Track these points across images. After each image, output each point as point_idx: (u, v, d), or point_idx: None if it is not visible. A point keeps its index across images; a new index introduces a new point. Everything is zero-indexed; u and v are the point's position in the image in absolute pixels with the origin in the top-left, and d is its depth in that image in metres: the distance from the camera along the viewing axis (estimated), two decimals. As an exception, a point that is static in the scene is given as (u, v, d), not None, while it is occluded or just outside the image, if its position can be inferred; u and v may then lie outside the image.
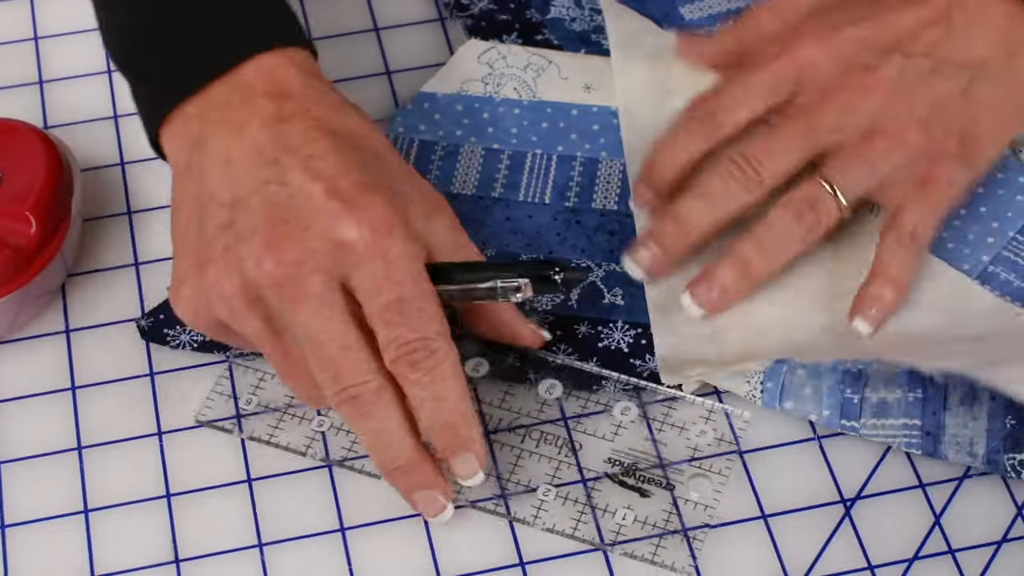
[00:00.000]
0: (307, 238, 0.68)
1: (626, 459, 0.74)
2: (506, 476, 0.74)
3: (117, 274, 0.82)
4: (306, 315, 0.68)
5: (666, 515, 0.72)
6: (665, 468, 0.74)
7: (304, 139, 0.70)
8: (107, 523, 0.73)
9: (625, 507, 0.73)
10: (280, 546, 0.72)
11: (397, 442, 0.69)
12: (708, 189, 0.76)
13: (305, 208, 0.68)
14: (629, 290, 0.79)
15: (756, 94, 0.76)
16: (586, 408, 0.76)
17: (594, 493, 0.73)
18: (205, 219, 0.71)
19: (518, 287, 0.71)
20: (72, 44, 0.91)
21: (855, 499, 0.73)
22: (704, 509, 0.72)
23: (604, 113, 0.86)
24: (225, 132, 0.71)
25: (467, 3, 0.91)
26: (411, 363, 0.68)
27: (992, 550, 0.72)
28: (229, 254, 0.69)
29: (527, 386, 0.76)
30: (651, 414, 0.76)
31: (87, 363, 0.79)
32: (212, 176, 0.71)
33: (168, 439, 0.76)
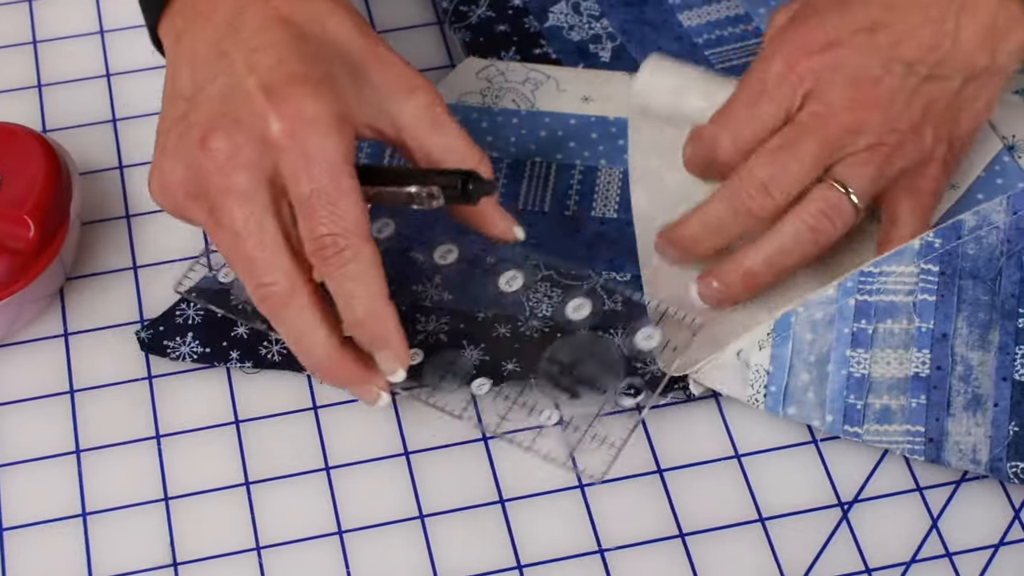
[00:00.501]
0: (236, 132, 0.69)
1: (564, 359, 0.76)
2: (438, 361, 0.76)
3: (115, 278, 0.82)
4: (229, 210, 0.69)
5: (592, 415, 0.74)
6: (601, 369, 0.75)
7: (255, 29, 0.71)
8: (105, 526, 0.73)
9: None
10: (278, 549, 0.73)
11: (313, 344, 0.70)
12: (720, 222, 0.76)
13: (239, 102, 0.69)
14: (629, 296, 0.79)
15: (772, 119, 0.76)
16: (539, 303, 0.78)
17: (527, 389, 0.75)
18: (168, 111, 0.73)
19: (432, 194, 0.71)
20: (71, 47, 0.92)
21: (853, 502, 0.73)
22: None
23: (602, 123, 0.86)
24: (196, 25, 0.73)
25: (465, 11, 0.91)
26: (321, 258, 0.69)
27: (990, 553, 0.72)
28: (180, 143, 0.71)
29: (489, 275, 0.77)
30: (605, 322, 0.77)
31: (85, 366, 0.79)
32: (181, 72, 0.73)
33: (166, 442, 0.76)
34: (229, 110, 0.70)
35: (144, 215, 0.84)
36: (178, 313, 0.79)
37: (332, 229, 0.68)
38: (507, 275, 0.77)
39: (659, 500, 0.73)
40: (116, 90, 0.89)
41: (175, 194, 0.71)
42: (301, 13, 0.72)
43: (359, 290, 0.69)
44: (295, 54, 0.70)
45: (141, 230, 0.83)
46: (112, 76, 0.90)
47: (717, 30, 0.91)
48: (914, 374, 0.72)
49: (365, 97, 0.72)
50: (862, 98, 0.75)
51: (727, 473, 0.74)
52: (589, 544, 0.72)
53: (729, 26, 0.91)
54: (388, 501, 0.74)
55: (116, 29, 0.92)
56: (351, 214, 0.68)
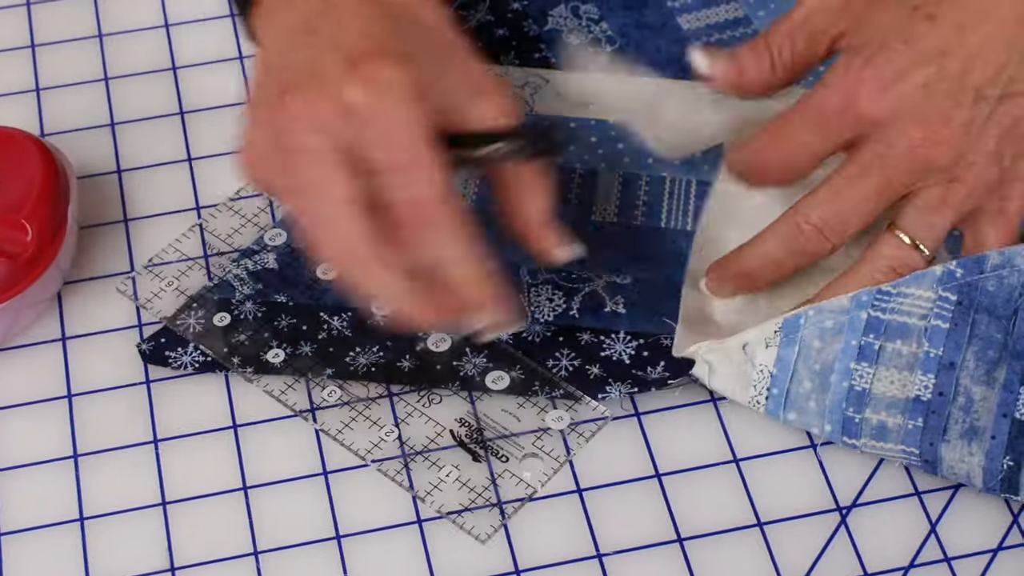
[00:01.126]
0: (313, 92, 0.69)
1: (476, 423, 0.76)
2: (360, 410, 0.76)
3: (113, 282, 0.82)
4: (299, 167, 0.69)
5: (487, 484, 0.74)
6: (508, 440, 0.75)
7: (346, 8, 0.71)
8: (103, 531, 0.73)
9: (454, 465, 0.74)
10: (276, 554, 0.72)
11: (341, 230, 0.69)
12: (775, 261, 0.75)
13: (323, 72, 0.69)
14: (631, 300, 0.79)
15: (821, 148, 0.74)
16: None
17: (431, 445, 0.75)
18: (259, 91, 0.72)
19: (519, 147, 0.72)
20: (69, 51, 0.91)
21: (851, 507, 0.73)
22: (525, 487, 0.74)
23: (602, 127, 0.86)
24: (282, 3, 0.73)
25: (465, 15, 0.91)
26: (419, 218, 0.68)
27: (988, 558, 0.72)
28: (260, 111, 0.71)
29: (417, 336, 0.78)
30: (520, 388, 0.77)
31: (83, 371, 0.79)
32: (270, 46, 0.73)
33: (164, 447, 0.76)
34: (310, 80, 0.69)
35: (142, 219, 0.84)
36: (179, 323, 0.79)
37: (420, 195, 0.68)
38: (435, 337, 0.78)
39: (657, 504, 0.73)
40: (114, 94, 0.89)
41: (260, 155, 0.71)
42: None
43: (455, 251, 0.69)
44: (382, 31, 0.70)
45: (139, 234, 0.83)
46: (110, 80, 0.90)
47: (717, 33, 0.91)
48: (915, 396, 0.72)
49: (443, 86, 0.71)
50: (931, 138, 0.71)
51: (725, 477, 0.74)
52: (587, 549, 0.72)
53: (728, 29, 0.91)
54: (386, 506, 0.74)
55: (115, 33, 0.92)
56: (431, 180, 0.68)
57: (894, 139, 0.71)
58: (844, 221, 0.73)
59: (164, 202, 0.85)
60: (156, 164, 0.86)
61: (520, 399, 0.77)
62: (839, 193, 0.73)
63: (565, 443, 0.75)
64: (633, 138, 0.85)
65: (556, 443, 0.75)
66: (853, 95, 0.72)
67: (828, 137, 0.73)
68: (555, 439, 0.75)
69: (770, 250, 0.75)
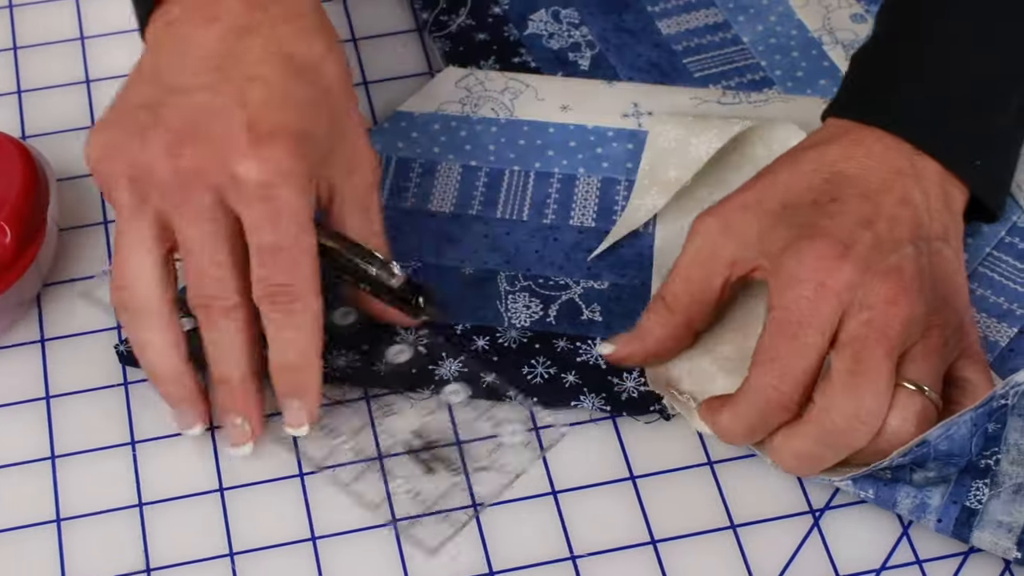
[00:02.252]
0: (210, 156, 0.71)
1: (431, 435, 0.76)
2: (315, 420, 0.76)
3: (93, 284, 0.82)
4: (187, 222, 0.71)
5: (441, 493, 0.74)
6: (463, 453, 0.75)
7: (256, 58, 0.72)
8: (79, 532, 0.74)
9: (404, 476, 0.74)
10: (251, 555, 0.73)
11: (231, 360, 0.73)
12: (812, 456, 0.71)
13: (222, 128, 0.71)
14: (607, 307, 0.80)
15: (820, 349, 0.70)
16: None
17: (387, 458, 0.75)
18: (142, 89, 0.73)
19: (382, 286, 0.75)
20: (50, 54, 0.92)
21: (824, 509, 0.73)
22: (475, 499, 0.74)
23: (581, 131, 0.86)
24: (194, 21, 0.74)
25: (445, 20, 0.92)
26: (272, 303, 0.71)
27: (959, 561, 0.72)
28: (142, 130, 0.72)
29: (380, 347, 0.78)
30: (476, 403, 0.77)
31: (62, 372, 0.79)
32: (166, 58, 0.74)
33: (141, 448, 0.76)
34: (209, 128, 0.71)
35: (122, 221, 0.84)
36: None
37: (290, 280, 0.71)
38: (395, 348, 0.78)
39: (631, 507, 0.74)
40: (95, 96, 0.89)
41: (114, 171, 0.72)
42: (302, 53, 0.73)
43: (300, 340, 0.72)
44: (287, 99, 0.72)
45: (119, 236, 0.84)
46: (92, 82, 0.90)
47: (696, 38, 0.91)
48: None
49: (329, 161, 0.74)
50: (898, 288, 0.70)
51: (699, 480, 0.74)
52: (561, 551, 0.72)
53: (708, 34, 0.91)
54: (362, 509, 0.74)
55: (96, 35, 0.92)
56: (309, 270, 0.71)
57: (869, 301, 0.70)
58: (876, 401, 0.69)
59: (144, 205, 0.85)
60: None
61: (477, 411, 0.77)
62: (853, 377, 0.69)
63: (522, 455, 0.75)
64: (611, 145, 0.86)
65: (511, 456, 0.75)
66: (822, 274, 0.70)
67: (821, 328, 0.70)
68: (511, 452, 0.75)
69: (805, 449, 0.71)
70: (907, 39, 0.78)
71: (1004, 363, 0.77)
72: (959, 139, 0.76)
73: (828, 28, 0.91)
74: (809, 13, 0.92)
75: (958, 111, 0.76)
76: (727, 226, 0.73)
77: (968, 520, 0.71)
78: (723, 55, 0.90)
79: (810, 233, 0.71)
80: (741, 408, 0.71)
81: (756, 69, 0.89)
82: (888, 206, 0.72)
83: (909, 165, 0.74)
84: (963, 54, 0.77)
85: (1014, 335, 0.78)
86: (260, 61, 0.73)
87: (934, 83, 0.76)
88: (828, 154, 0.74)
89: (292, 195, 0.71)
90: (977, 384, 0.73)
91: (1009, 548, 0.70)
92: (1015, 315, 0.79)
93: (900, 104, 0.76)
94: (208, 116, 0.71)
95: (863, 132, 0.75)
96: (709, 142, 0.82)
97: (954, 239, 0.74)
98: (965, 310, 0.74)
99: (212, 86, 0.72)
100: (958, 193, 0.75)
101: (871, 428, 0.70)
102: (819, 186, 0.73)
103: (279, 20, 0.74)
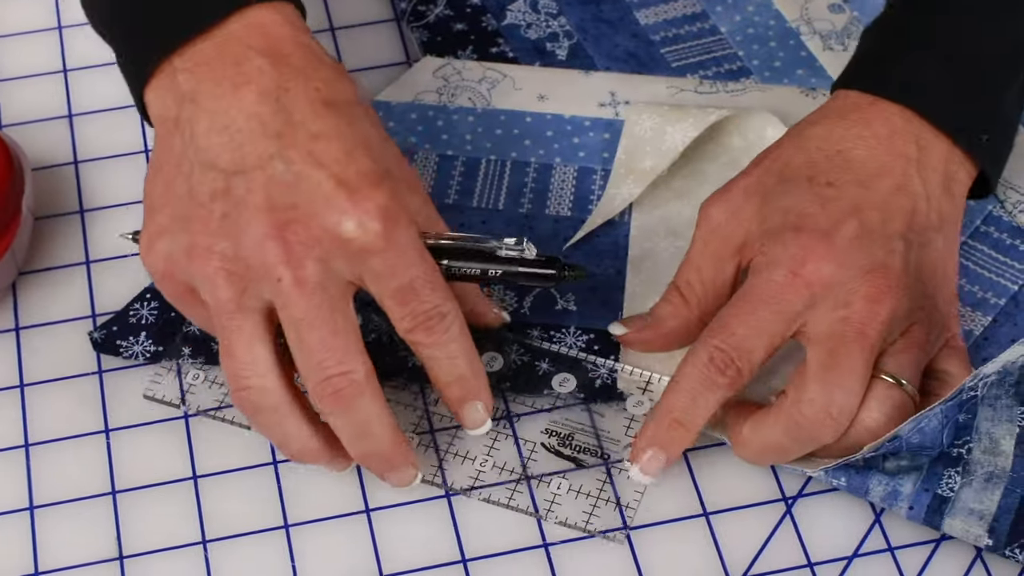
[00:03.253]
0: (314, 226, 0.68)
1: (563, 430, 0.75)
2: (444, 448, 0.75)
3: (68, 273, 0.82)
4: (300, 298, 0.68)
5: (600, 484, 0.73)
6: (600, 438, 0.75)
7: (307, 114, 0.70)
8: (52, 520, 0.74)
9: (560, 476, 0.74)
10: (224, 543, 0.73)
11: (377, 433, 0.70)
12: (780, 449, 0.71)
13: (312, 194, 0.69)
14: (582, 296, 0.80)
15: (773, 330, 0.70)
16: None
17: (530, 463, 0.74)
18: (198, 180, 0.70)
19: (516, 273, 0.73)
20: (28, 43, 0.92)
21: (796, 497, 0.73)
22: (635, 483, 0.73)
23: (558, 120, 0.86)
24: (221, 91, 0.70)
25: (423, 10, 0.92)
26: (427, 330, 0.70)
27: (931, 548, 0.72)
28: (227, 221, 0.69)
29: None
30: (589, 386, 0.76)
31: (36, 361, 0.79)
32: (207, 139, 0.70)
33: (115, 436, 0.76)
34: (300, 201, 0.69)
35: (97, 210, 0.84)
36: (131, 313, 0.79)
37: (436, 302, 0.70)
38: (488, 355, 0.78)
39: (605, 495, 0.74)
40: (72, 86, 0.89)
41: (205, 272, 0.69)
42: (340, 96, 0.71)
43: (460, 349, 0.71)
44: (357, 145, 0.70)
45: (94, 225, 0.84)
46: (69, 72, 0.90)
47: (674, 28, 0.91)
48: None
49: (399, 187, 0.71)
50: (882, 286, 0.70)
51: (672, 468, 0.74)
52: (534, 538, 0.72)
53: (686, 24, 0.91)
54: (334, 496, 0.74)
55: (73, 25, 0.92)
56: (442, 284, 0.70)
57: (849, 297, 0.70)
58: (848, 399, 0.69)
59: (120, 194, 0.85)
60: (113, 156, 0.86)
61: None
62: (828, 373, 0.69)
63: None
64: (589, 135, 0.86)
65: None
66: (798, 263, 0.70)
67: (782, 312, 0.70)
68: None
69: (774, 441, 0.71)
70: (919, 11, 0.76)
71: (978, 351, 0.77)
72: (969, 114, 0.74)
73: (806, 18, 0.91)
74: (787, 3, 0.92)
75: (969, 85, 0.75)
76: (734, 212, 0.73)
77: (940, 508, 0.71)
78: (701, 45, 0.90)
79: (798, 223, 0.71)
80: (684, 368, 0.71)
81: (734, 59, 0.89)
82: (884, 195, 0.72)
83: (915, 149, 0.73)
84: (975, 28, 0.75)
85: (988, 324, 0.78)
86: (313, 116, 0.70)
87: (946, 56, 0.75)
88: (834, 132, 0.74)
89: (404, 231, 0.69)
90: (956, 377, 0.73)
91: (980, 535, 0.70)
92: (989, 304, 0.79)
93: (911, 77, 0.74)
94: (291, 187, 0.69)
95: (871, 110, 0.74)
96: (685, 131, 0.82)
97: (950, 226, 0.74)
98: (951, 302, 0.74)
99: (279, 154, 0.69)
100: (963, 174, 0.74)
101: (840, 425, 0.69)
102: (819, 163, 0.73)
103: (309, 71, 0.71)
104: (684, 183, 0.83)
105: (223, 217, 0.69)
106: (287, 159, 0.69)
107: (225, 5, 0.71)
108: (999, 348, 0.77)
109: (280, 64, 0.71)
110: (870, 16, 0.91)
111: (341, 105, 0.71)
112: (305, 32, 0.73)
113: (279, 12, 0.72)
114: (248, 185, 0.69)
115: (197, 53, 0.71)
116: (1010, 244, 0.81)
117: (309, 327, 0.68)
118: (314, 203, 0.68)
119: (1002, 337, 0.77)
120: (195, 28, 0.71)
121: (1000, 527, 0.70)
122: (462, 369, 0.71)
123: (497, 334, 0.78)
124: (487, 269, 0.73)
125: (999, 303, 0.79)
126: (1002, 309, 0.78)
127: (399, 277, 0.69)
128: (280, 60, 0.71)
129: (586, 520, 0.72)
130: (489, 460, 0.75)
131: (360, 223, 0.68)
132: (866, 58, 0.78)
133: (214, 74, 0.70)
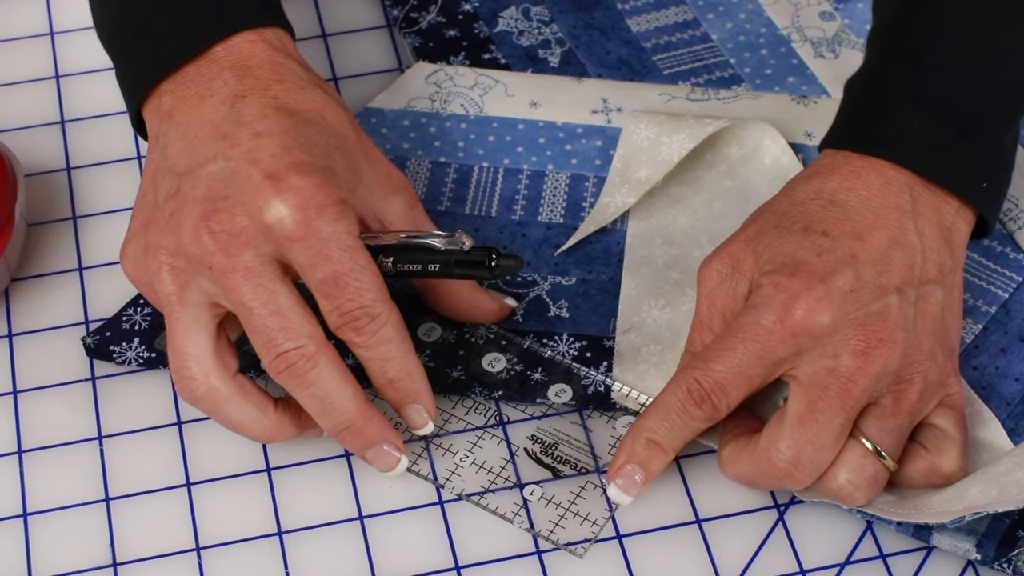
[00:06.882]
0: (239, 214, 0.70)
1: (548, 439, 0.76)
2: (432, 440, 0.76)
3: (61, 279, 0.82)
4: (236, 283, 0.70)
5: (572, 497, 0.74)
6: (583, 452, 0.75)
7: (256, 116, 0.72)
8: (46, 527, 0.74)
9: (535, 484, 0.74)
10: (217, 549, 0.73)
11: (339, 405, 0.71)
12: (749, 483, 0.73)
13: (243, 186, 0.70)
14: (574, 303, 0.80)
15: (753, 374, 0.70)
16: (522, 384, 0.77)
17: (508, 467, 0.75)
18: (159, 186, 0.73)
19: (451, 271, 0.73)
20: (20, 48, 0.92)
21: (789, 504, 0.74)
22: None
23: (550, 127, 0.87)
24: (189, 105, 0.73)
25: (416, 16, 0.92)
26: (354, 329, 0.70)
27: (922, 555, 0.72)
28: (173, 218, 0.71)
29: (472, 357, 0.78)
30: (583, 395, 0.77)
31: (29, 367, 0.79)
32: (173, 147, 0.73)
33: (108, 443, 0.76)
34: (231, 192, 0.70)
35: (90, 216, 0.84)
36: (124, 318, 0.79)
37: (362, 301, 0.70)
38: (490, 356, 0.78)
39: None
40: (65, 92, 0.89)
41: (151, 268, 0.72)
42: (302, 105, 0.73)
43: (393, 350, 0.71)
44: (297, 142, 0.71)
45: (87, 232, 0.84)
46: (61, 78, 0.90)
47: (665, 35, 0.91)
48: None
49: (357, 190, 0.73)
50: (872, 340, 0.69)
51: (665, 475, 0.74)
52: (527, 546, 0.73)
53: (677, 31, 0.92)
54: (328, 503, 0.74)
55: (66, 31, 0.92)
56: (375, 284, 0.70)
57: (838, 349, 0.69)
58: (817, 457, 0.69)
59: (113, 200, 0.85)
60: (105, 162, 0.87)
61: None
62: (801, 425, 0.69)
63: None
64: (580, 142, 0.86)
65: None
66: (788, 308, 0.69)
67: (764, 357, 0.69)
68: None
69: (744, 474, 0.72)
70: (901, 64, 0.75)
71: (969, 359, 0.77)
72: (963, 164, 0.73)
73: (797, 26, 0.92)
74: (778, 11, 0.92)
75: (959, 135, 0.73)
76: (735, 267, 0.72)
77: (928, 524, 0.71)
78: (692, 52, 0.91)
79: (792, 270, 0.70)
80: (665, 393, 0.71)
81: (725, 66, 0.90)
82: (880, 248, 0.71)
83: (908, 199, 0.72)
84: (959, 76, 0.74)
85: (979, 332, 0.78)
86: (261, 117, 0.72)
87: (932, 108, 0.73)
88: (827, 184, 0.72)
89: (328, 222, 0.70)
90: (947, 434, 0.72)
91: (969, 550, 0.70)
92: (980, 311, 0.79)
93: (898, 132, 0.73)
94: (226, 181, 0.70)
95: (861, 163, 0.73)
96: (681, 143, 0.83)
97: (950, 276, 0.72)
98: (951, 357, 0.72)
99: (221, 153, 0.71)
100: (962, 223, 0.73)
101: (808, 477, 0.70)
102: (815, 213, 0.72)
103: (271, 82, 0.73)
104: (680, 190, 0.83)
105: (171, 215, 0.72)
106: (227, 157, 0.71)
107: (212, 33, 0.74)
108: (989, 356, 0.77)
109: (244, 76, 0.73)
110: (860, 24, 0.91)
111: (297, 112, 0.72)
112: (283, 52, 0.75)
113: (261, 36, 0.75)
114: (193, 183, 0.71)
115: (180, 76, 0.74)
116: (1001, 252, 0.81)
117: (250, 310, 0.70)
118: (244, 193, 0.70)
119: (992, 345, 0.78)
120: (183, 55, 0.74)
121: (988, 543, 0.70)
122: (396, 372, 0.72)
123: (499, 334, 0.78)
124: (427, 264, 0.73)
125: (990, 311, 0.79)
126: (993, 317, 0.79)
127: (321, 268, 0.70)
128: (245, 73, 0.73)
129: (550, 530, 0.73)
130: (469, 457, 0.75)
131: (278, 210, 0.69)
132: (852, 115, 0.76)
133: (187, 91, 0.73)
